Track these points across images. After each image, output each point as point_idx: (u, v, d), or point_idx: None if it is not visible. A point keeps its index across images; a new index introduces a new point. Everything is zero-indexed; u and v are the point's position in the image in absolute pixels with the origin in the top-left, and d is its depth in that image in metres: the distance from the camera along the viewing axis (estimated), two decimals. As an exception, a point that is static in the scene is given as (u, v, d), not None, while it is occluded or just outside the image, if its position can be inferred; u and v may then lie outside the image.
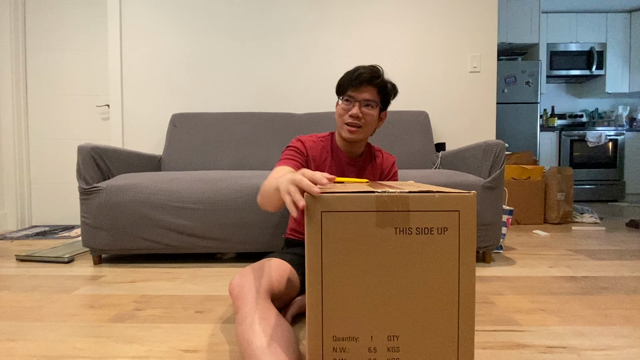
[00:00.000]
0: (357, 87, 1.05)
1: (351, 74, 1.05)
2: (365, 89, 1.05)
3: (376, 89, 1.07)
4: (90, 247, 1.54)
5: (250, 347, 0.63)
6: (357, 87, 1.05)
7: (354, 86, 1.05)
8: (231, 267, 1.53)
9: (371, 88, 1.06)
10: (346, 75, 1.07)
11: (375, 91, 1.07)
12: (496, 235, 1.51)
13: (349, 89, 1.06)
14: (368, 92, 1.06)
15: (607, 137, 4.10)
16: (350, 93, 1.06)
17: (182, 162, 2.14)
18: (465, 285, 0.53)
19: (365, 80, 1.04)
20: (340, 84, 1.09)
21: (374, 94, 1.07)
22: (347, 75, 1.07)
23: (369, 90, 1.06)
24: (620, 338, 0.87)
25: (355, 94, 1.06)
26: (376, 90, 1.07)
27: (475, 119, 2.45)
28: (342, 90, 1.08)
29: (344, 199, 0.53)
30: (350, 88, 1.06)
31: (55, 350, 0.82)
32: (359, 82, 1.04)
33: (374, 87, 1.06)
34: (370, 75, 1.04)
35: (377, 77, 1.05)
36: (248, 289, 0.78)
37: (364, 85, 1.05)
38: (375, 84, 1.06)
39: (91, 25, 2.58)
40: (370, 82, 1.05)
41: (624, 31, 4.39)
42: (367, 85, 1.05)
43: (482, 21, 2.43)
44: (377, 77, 1.05)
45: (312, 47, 2.44)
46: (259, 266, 0.88)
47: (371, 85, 1.05)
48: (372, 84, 1.05)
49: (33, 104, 2.60)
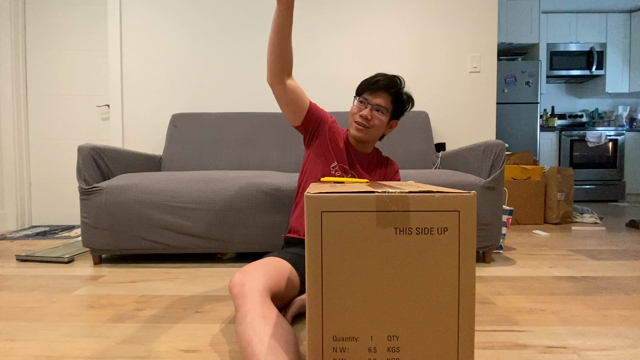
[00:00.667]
0: (374, 91, 1.13)
1: (371, 79, 1.14)
2: (380, 95, 1.13)
3: (391, 97, 1.14)
4: (90, 247, 1.54)
5: (250, 347, 0.63)
6: (373, 92, 1.13)
7: (370, 90, 1.13)
8: (231, 267, 1.53)
9: (386, 95, 1.13)
10: (367, 79, 1.15)
11: (390, 99, 1.14)
12: (496, 235, 1.51)
13: (365, 91, 1.14)
14: (382, 99, 1.13)
15: (607, 137, 4.10)
16: (365, 95, 1.14)
17: (182, 162, 2.14)
18: (465, 285, 0.53)
19: (381, 87, 1.12)
20: (359, 86, 1.17)
21: (388, 102, 1.14)
22: (367, 80, 1.15)
23: (384, 97, 1.13)
24: (620, 338, 0.87)
25: (370, 97, 1.13)
26: (390, 98, 1.14)
27: (475, 119, 2.45)
28: (359, 91, 1.16)
29: (344, 199, 0.53)
30: (367, 91, 1.14)
31: (55, 351, 0.82)
32: (376, 87, 1.12)
33: (389, 95, 1.14)
34: (387, 83, 1.12)
35: (394, 86, 1.13)
36: (249, 288, 0.78)
37: (380, 91, 1.13)
38: (391, 92, 1.13)
39: (91, 25, 2.59)
40: (385, 89, 1.12)
41: (624, 31, 4.39)
42: (383, 91, 1.13)
43: (482, 21, 2.43)
44: (394, 87, 1.13)
45: (312, 47, 2.44)
46: (260, 265, 0.88)
47: (386, 92, 1.13)
48: (388, 91, 1.13)
49: (33, 104, 2.61)
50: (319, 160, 1.17)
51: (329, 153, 1.16)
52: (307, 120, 1.15)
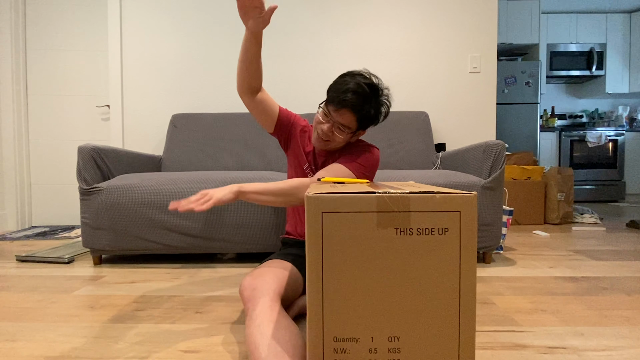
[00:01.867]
0: (338, 108, 0.99)
1: (340, 89, 0.99)
2: (344, 114, 1.00)
3: (356, 117, 1.01)
4: (91, 248, 1.54)
5: (257, 351, 0.64)
6: (338, 109, 0.99)
7: (335, 105, 0.99)
8: (231, 267, 1.53)
9: (350, 115, 1.00)
10: (337, 86, 1.01)
11: (354, 119, 1.01)
12: (496, 235, 1.51)
13: (330, 104, 1.01)
14: (345, 118, 1.00)
15: (607, 138, 4.10)
16: (330, 109, 1.01)
17: (182, 162, 2.14)
18: (466, 285, 0.53)
19: (347, 106, 0.98)
20: (328, 91, 1.04)
21: (352, 122, 1.01)
22: (337, 87, 1.00)
23: (347, 117, 1.00)
24: (620, 338, 0.87)
25: (334, 113, 1.01)
26: (355, 117, 1.01)
27: (475, 120, 2.45)
28: (328, 98, 1.03)
29: (345, 199, 0.53)
30: (332, 103, 1.00)
31: (56, 351, 0.82)
32: (341, 105, 0.98)
33: (353, 115, 1.00)
34: (355, 102, 0.98)
35: (362, 107, 0.99)
36: (259, 292, 0.79)
37: (345, 109, 0.99)
38: (357, 113, 1.00)
39: (91, 26, 2.58)
40: (352, 109, 0.99)
41: (624, 32, 4.39)
42: (348, 110, 0.99)
43: (482, 21, 2.43)
44: (362, 108, 1.00)
45: (311, 47, 2.44)
46: (269, 268, 0.89)
47: (352, 112, 1.00)
48: (354, 111, 0.99)
49: (33, 104, 2.61)
50: (294, 163, 1.18)
51: (301, 156, 1.16)
52: (278, 127, 1.16)
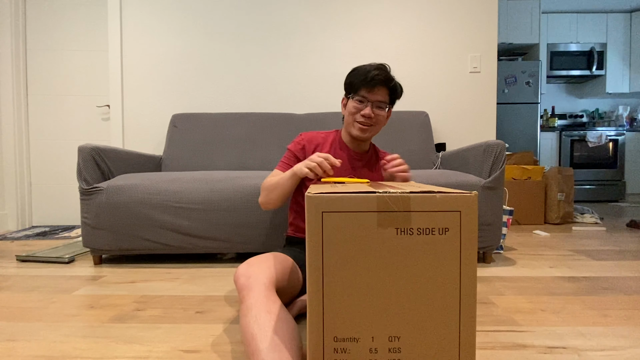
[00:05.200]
0: (372, 87, 1.06)
1: (364, 74, 1.05)
2: (378, 91, 1.07)
3: (388, 91, 1.09)
4: (91, 248, 1.54)
5: (254, 342, 0.64)
6: (371, 88, 1.06)
7: (367, 87, 1.06)
8: (231, 267, 1.53)
9: (384, 90, 1.08)
10: (358, 74, 1.08)
11: (387, 93, 1.09)
12: (496, 235, 1.51)
13: (361, 88, 1.07)
14: (381, 94, 1.07)
15: (608, 138, 4.10)
16: (363, 94, 1.07)
17: (182, 162, 2.14)
18: (466, 285, 0.53)
19: (379, 82, 1.05)
20: (351, 83, 1.09)
21: (386, 96, 1.09)
22: (359, 75, 1.07)
23: (382, 92, 1.08)
24: (620, 338, 0.87)
25: (369, 95, 1.07)
26: (388, 92, 1.09)
27: (476, 119, 2.45)
28: (354, 89, 1.09)
29: (345, 199, 0.53)
30: (363, 88, 1.06)
31: (56, 351, 0.82)
32: (373, 83, 1.05)
33: (387, 89, 1.08)
34: (384, 77, 1.05)
35: (390, 79, 1.07)
36: (254, 280, 0.77)
37: (378, 87, 1.06)
38: (389, 87, 1.08)
39: (91, 26, 2.58)
40: (383, 84, 1.06)
41: (624, 31, 4.39)
42: (381, 87, 1.07)
43: (482, 21, 2.43)
44: (391, 80, 1.07)
45: (312, 47, 2.44)
46: (265, 257, 0.88)
47: (385, 87, 1.07)
48: (386, 86, 1.07)
49: (33, 104, 2.61)
50: None
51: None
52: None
